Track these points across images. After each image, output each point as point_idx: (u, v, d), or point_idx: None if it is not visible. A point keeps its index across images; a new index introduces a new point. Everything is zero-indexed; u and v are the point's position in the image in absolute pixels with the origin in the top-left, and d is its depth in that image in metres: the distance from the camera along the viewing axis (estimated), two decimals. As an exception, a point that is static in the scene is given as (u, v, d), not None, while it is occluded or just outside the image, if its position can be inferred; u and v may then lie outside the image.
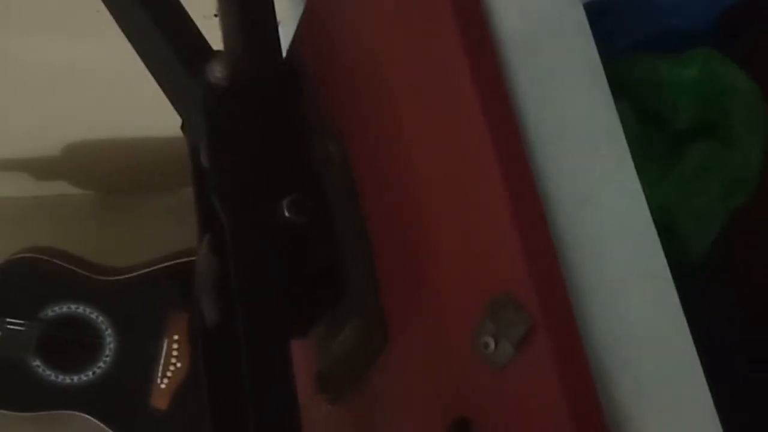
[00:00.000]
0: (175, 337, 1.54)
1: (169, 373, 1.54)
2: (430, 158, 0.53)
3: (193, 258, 0.66)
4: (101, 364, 1.52)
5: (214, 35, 0.68)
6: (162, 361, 1.54)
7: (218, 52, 0.66)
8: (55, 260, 1.53)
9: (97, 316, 1.51)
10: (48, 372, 1.50)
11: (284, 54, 0.74)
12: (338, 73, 0.68)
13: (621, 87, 0.51)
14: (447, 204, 0.51)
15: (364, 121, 0.63)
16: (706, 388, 0.43)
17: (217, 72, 0.63)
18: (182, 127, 0.72)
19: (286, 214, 0.62)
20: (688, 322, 0.44)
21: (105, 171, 1.73)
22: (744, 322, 0.69)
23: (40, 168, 1.68)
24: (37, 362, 1.50)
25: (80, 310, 1.51)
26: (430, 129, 0.53)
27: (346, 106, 0.66)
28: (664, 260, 0.45)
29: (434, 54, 0.51)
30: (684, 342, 0.43)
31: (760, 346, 0.68)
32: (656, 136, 0.63)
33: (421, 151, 0.54)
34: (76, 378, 1.51)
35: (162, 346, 1.54)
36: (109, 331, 1.52)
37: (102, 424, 1.53)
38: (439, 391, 0.54)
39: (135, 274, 1.55)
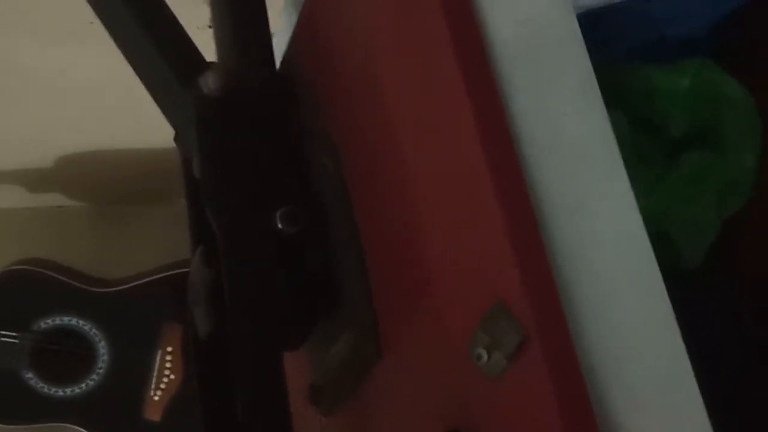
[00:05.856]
0: (169, 349, 1.53)
1: (162, 385, 1.54)
2: (423, 168, 0.53)
3: (187, 269, 0.66)
4: (94, 376, 1.51)
5: (208, 46, 0.68)
6: (155, 373, 1.53)
7: (212, 63, 0.66)
8: (48, 272, 1.53)
9: (90, 328, 1.51)
10: (41, 384, 1.50)
11: (278, 65, 0.74)
12: (332, 83, 0.67)
13: (615, 95, 0.51)
14: (440, 214, 0.51)
15: (359, 132, 0.63)
16: (699, 397, 0.43)
17: (210, 83, 0.63)
18: (175, 139, 0.72)
19: (279, 226, 0.62)
20: (681, 330, 0.43)
21: (100, 182, 1.73)
22: (740, 327, 0.69)
23: (35, 179, 1.68)
24: (30, 374, 1.49)
25: (73, 321, 1.50)
26: (423, 140, 0.53)
27: (341, 116, 0.66)
28: (657, 269, 0.45)
29: (428, 65, 0.51)
30: (677, 351, 0.43)
31: (756, 351, 0.68)
32: (650, 144, 0.63)
33: (415, 162, 0.54)
34: (69, 390, 1.51)
35: (155, 358, 1.53)
36: (103, 343, 1.51)
37: (95, 437, 1.53)
38: (432, 403, 0.54)
39: (128, 285, 1.54)
